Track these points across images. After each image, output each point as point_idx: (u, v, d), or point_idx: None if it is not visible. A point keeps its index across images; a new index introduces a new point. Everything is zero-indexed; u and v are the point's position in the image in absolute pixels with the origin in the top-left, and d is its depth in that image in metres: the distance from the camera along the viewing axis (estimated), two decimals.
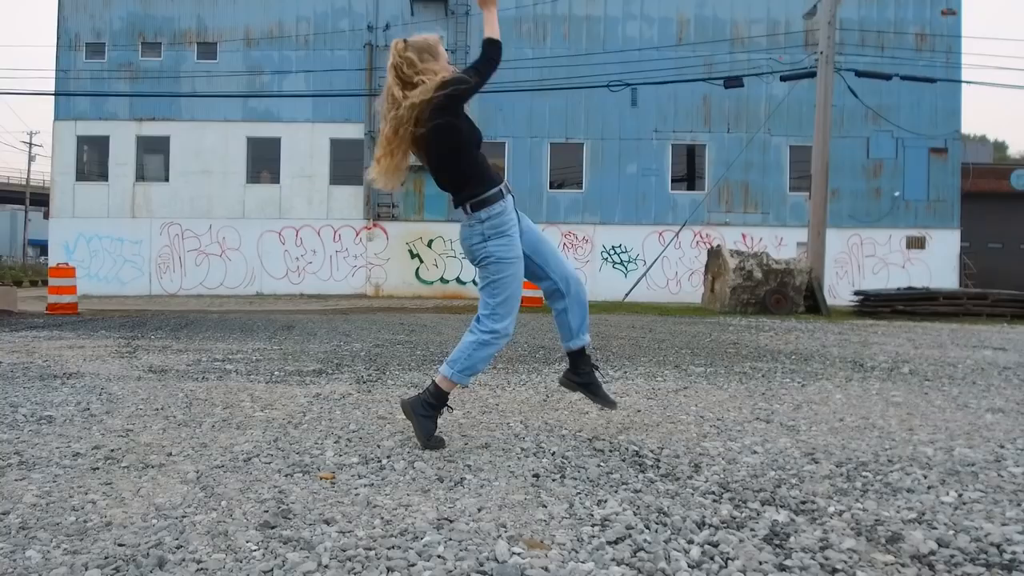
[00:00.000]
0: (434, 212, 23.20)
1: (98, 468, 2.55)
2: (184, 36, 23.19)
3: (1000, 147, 37.53)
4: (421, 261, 23.36)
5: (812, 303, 13.79)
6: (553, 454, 2.89)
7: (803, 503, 2.37)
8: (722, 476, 2.66)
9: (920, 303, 13.50)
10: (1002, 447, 3.18)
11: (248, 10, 23.13)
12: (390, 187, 3.02)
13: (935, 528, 2.16)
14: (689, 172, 23.11)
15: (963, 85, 21.33)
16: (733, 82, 15.25)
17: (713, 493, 2.46)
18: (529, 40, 22.85)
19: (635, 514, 2.22)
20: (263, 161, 23.73)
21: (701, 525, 2.13)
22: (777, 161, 22.62)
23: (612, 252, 22.38)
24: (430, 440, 2.91)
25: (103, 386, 4.34)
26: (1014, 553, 1.96)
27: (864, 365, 5.90)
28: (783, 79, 15.28)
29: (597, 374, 3.24)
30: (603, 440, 3.15)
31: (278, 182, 23.58)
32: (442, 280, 23.26)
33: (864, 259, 22.48)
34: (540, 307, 14.34)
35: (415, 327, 9.42)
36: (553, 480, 2.55)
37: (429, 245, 23.30)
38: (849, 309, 14.77)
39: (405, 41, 2.88)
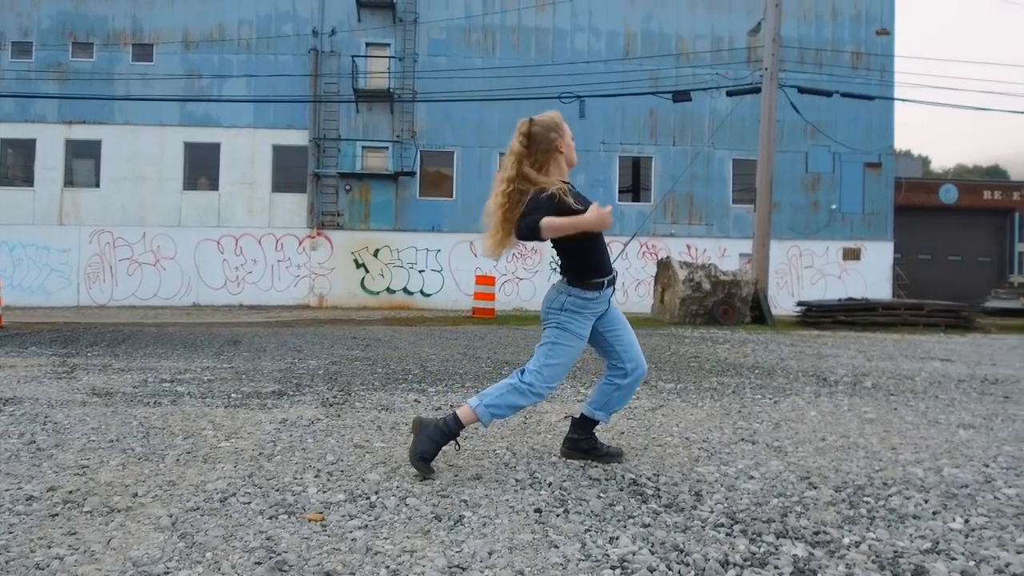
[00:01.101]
0: (380, 221, 22.85)
1: (57, 514, 2.30)
2: (118, 37, 22.25)
3: (924, 162, 39.37)
4: (367, 271, 22.93)
5: (758, 313, 14.05)
6: (550, 485, 2.76)
7: (816, 534, 2.31)
8: (726, 505, 2.59)
9: (860, 313, 13.91)
10: (987, 466, 3.21)
11: (187, 12, 22.37)
12: (495, 258, 3.03)
13: (955, 559, 2.12)
14: (635, 184, 23.38)
15: (895, 102, 22.24)
16: (681, 96, 15.48)
17: (723, 525, 2.37)
18: (478, 49, 22.77)
19: (652, 552, 2.12)
20: (201, 167, 22.93)
21: (725, 564, 2.04)
22: (720, 174, 23.09)
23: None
24: (420, 462, 2.79)
25: (46, 413, 4.00)
26: None
27: (827, 379, 5.97)
28: (729, 94, 15.59)
29: (593, 438, 3.18)
30: (596, 467, 3.04)
31: (217, 189, 22.81)
32: (388, 290, 22.87)
33: (803, 270, 23.12)
34: (492, 318, 14.21)
35: (369, 341, 9.15)
36: (557, 515, 2.42)
37: (375, 255, 22.89)
38: (792, 319, 15.11)
39: (531, 120, 2.89)
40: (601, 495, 2.66)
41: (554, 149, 2.89)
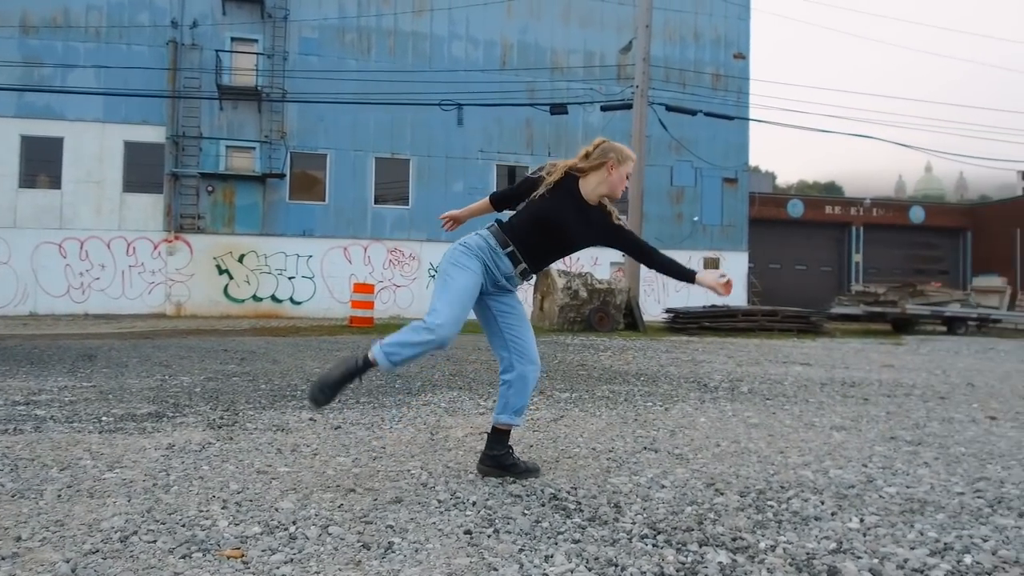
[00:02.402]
0: (246, 225, 21.82)
1: None
2: None
3: (772, 178, 42.69)
4: (231, 277, 21.80)
5: (631, 320, 14.64)
6: (474, 504, 2.73)
7: (734, 540, 2.42)
8: (645, 516, 2.66)
9: (723, 320, 14.83)
10: (865, 466, 3.49)
11: None
12: None
13: (860, 557, 2.29)
14: None
15: (750, 122, 23.98)
16: (558, 109, 15.90)
17: (647, 536, 2.44)
18: (353, 51, 22.28)
19: (589, 569, 2.14)
20: (41, 163, 20.96)
21: None
22: None
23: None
24: (318, 384, 2.77)
25: None
26: None
27: (707, 385, 6.30)
28: (603, 109, 16.17)
29: (512, 455, 3.16)
30: (515, 483, 3.04)
31: (59, 187, 20.92)
32: (255, 298, 21.87)
33: (668, 278, 24.32)
34: (371, 327, 13.89)
35: (244, 354, 8.68)
36: (488, 536, 2.39)
37: (240, 260, 21.81)
38: (661, 325, 15.86)
39: (604, 140, 3.14)
40: (526, 512, 2.66)
41: (605, 165, 3.05)
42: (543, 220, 3.01)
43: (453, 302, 2.84)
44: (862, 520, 2.65)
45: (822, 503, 2.86)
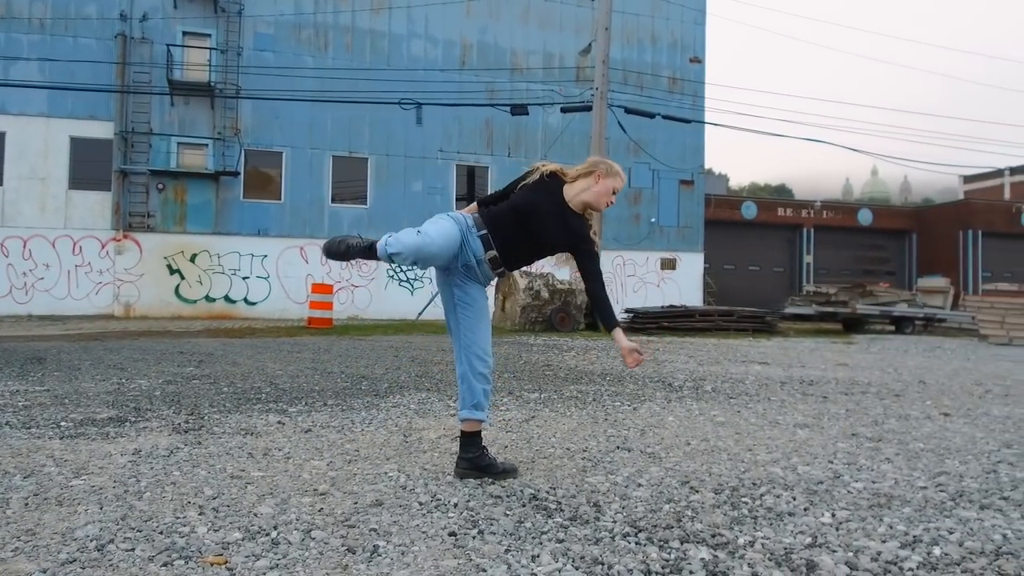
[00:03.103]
0: (198, 223, 21.30)
1: None
2: None
3: (725, 180, 43.56)
4: (182, 277, 21.26)
5: (591, 320, 14.74)
6: (456, 506, 2.73)
7: (713, 536, 2.48)
8: (625, 514, 2.70)
9: (681, 319, 15.07)
10: (831, 463, 3.60)
11: None
12: None
13: (835, 551, 2.36)
14: (471, 192, 23.66)
15: (705, 125, 24.40)
16: (519, 109, 15.94)
17: (629, 534, 2.47)
18: (309, 48, 21.94)
19: (576, 568, 2.16)
20: None
21: (648, 574, 2.12)
22: None
23: (398, 270, 22.16)
24: (340, 240, 2.97)
25: None
26: (911, 570, 2.21)
27: (672, 384, 6.40)
28: (564, 111, 16.27)
29: (488, 455, 3.16)
30: (493, 484, 3.05)
31: (1, 184, 20.15)
32: (207, 299, 21.37)
33: (626, 278, 24.63)
34: (330, 327, 13.74)
35: (201, 356, 8.49)
36: (472, 538, 2.40)
37: (192, 260, 21.29)
38: (621, 325, 16.01)
39: (597, 156, 3.36)
40: (508, 513, 2.67)
41: (592, 174, 3.15)
42: (519, 209, 3.08)
43: (440, 232, 2.96)
44: (834, 515, 2.73)
45: (794, 499, 2.93)
